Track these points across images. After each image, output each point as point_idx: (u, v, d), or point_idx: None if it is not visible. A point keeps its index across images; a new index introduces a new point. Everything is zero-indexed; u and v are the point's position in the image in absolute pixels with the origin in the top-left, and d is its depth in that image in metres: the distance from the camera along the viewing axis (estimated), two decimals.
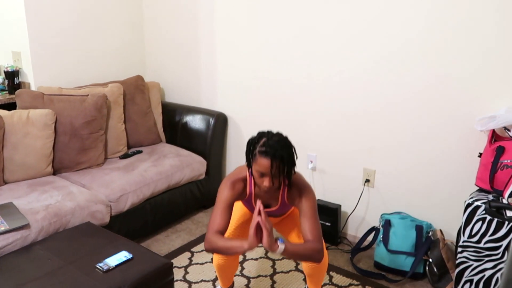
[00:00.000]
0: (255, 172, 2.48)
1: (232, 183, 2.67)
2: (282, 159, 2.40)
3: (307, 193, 2.62)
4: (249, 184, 2.70)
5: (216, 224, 2.57)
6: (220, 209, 2.61)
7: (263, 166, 2.40)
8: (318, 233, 2.55)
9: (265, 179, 2.45)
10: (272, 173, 2.41)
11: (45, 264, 2.68)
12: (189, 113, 4.57)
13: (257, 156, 2.42)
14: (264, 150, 2.40)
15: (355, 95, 3.72)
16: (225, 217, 2.60)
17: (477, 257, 2.91)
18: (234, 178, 2.69)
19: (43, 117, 3.64)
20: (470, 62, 3.17)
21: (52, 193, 3.39)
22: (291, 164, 2.47)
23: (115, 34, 4.69)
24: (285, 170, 2.45)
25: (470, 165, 3.30)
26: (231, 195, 2.64)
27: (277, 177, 2.45)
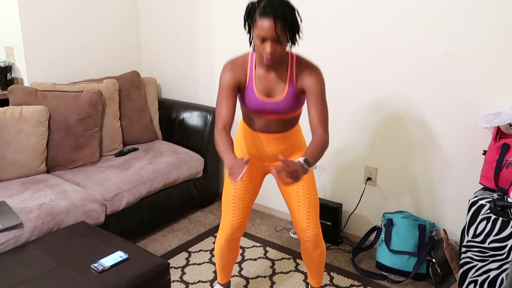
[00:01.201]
0: (256, 39, 2.37)
1: (231, 63, 2.58)
2: (285, 18, 2.28)
3: (315, 72, 2.52)
4: (250, 65, 2.58)
5: (222, 114, 2.51)
6: (223, 94, 2.53)
7: (265, 27, 2.28)
8: (325, 119, 2.51)
9: (266, 44, 2.34)
10: (276, 34, 2.29)
11: (39, 264, 2.67)
12: (186, 109, 4.56)
13: (258, 18, 2.31)
14: (265, 10, 2.28)
15: (356, 91, 3.71)
16: (228, 102, 2.52)
17: (482, 257, 2.91)
18: (233, 58, 2.60)
19: (37, 114, 3.64)
20: (474, 57, 3.16)
21: (45, 191, 3.39)
22: (295, 26, 2.36)
23: (110, 28, 4.69)
24: (288, 31, 2.33)
25: (474, 163, 3.29)
26: (231, 76, 2.54)
27: (281, 41, 2.33)
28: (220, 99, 2.54)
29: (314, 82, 2.50)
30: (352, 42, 3.65)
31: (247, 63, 2.58)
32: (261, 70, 2.55)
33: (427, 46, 3.33)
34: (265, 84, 2.56)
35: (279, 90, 2.56)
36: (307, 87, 2.52)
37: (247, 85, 2.57)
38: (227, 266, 3.11)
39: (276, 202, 4.37)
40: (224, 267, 3.10)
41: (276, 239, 4.03)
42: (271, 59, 2.39)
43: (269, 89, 2.57)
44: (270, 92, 2.57)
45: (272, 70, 2.54)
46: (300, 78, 2.53)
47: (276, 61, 2.47)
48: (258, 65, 2.56)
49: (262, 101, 2.57)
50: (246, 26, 2.44)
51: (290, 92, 2.55)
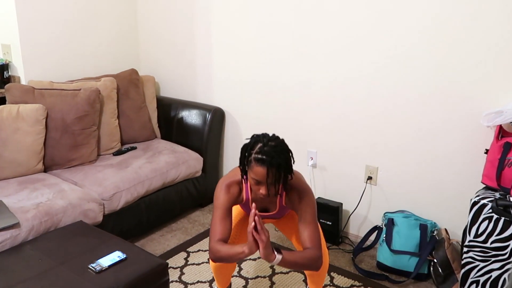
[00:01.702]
0: (251, 180, 2.46)
1: (227, 186, 2.66)
2: (278, 167, 2.38)
3: (306, 197, 2.62)
4: (245, 189, 2.69)
5: (217, 232, 2.57)
6: (219, 215, 2.60)
7: (259, 174, 2.38)
8: (318, 240, 2.55)
9: (261, 187, 2.44)
10: (268, 181, 2.39)
11: (36, 264, 2.67)
12: (185, 108, 4.56)
13: (253, 163, 2.40)
14: (260, 158, 2.37)
15: (357, 89, 3.71)
16: (225, 223, 2.59)
17: (484, 257, 2.91)
18: (229, 181, 2.68)
19: (34, 112, 3.63)
20: (476, 54, 3.16)
21: (43, 191, 3.38)
22: (288, 171, 2.45)
23: (108, 26, 4.68)
24: (282, 178, 2.43)
25: (476, 162, 3.29)
26: (227, 199, 2.63)
27: (274, 185, 2.43)
28: (217, 219, 2.62)
29: (305, 208, 2.61)
30: (353, 40, 3.64)
31: (242, 189, 2.71)
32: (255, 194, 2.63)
33: (428, 44, 3.32)
34: (260, 204, 2.74)
35: (273, 207, 2.76)
36: (296, 210, 2.65)
37: (244, 203, 2.75)
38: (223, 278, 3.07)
39: None
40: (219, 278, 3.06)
41: (276, 239, 4.03)
42: (266, 198, 2.55)
43: (264, 206, 2.77)
44: (265, 208, 2.78)
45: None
46: (290, 202, 2.69)
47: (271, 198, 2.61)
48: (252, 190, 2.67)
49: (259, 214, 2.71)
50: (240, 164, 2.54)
51: (282, 208, 2.75)
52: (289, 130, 4.10)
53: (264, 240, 2.33)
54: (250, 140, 2.48)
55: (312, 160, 4.08)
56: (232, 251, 2.47)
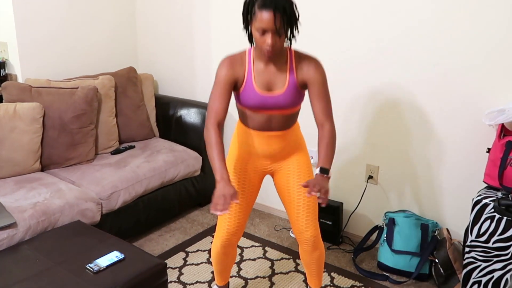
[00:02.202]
0: (256, 32, 2.39)
1: (229, 58, 2.59)
2: (284, 11, 2.32)
3: (316, 63, 2.56)
4: (248, 60, 2.59)
5: (215, 109, 2.53)
6: (218, 90, 2.55)
7: (265, 20, 2.31)
8: (330, 111, 2.58)
9: (267, 36, 2.36)
10: (276, 26, 2.32)
11: (33, 264, 2.67)
12: (183, 106, 4.56)
13: (257, 11, 2.33)
14: (265, 3, 2.31)
15: (357, 86, 3.71)
16: (223, 97, 2.54)
17: (486, 257, 2.91)
18: (231, 55, 2.62)
19: (31, 111, 3.63)
20: (478, 52, 3.16)
21: (40, 190, 3.38)
22: (294, 18, 2.40)
23: (106, 23, 4.67)
24: (288, 25, 2.37)
25: (478, 161, 3.29)
26: (228, 72, 2.55)
27: (280, 33, 2.36)
28: (215, 95, 2.55)
29: (316, 73, 2.54)
30: (354, 39, 3.64)
31: (245, 59, 2.59)
32: (260, 64, 2.56)
33: (429, 42, 3.32)
34: (265, 78, 2.56)
35: (280, 83, 2.56)
36: (308, 79, 2.55)
37: (246, 81, 2.57)
38: (224, 270, 3.10)
39: (275, 201, 4.36)
40: (221, 271, 3.09)
41: (276, 239, 4.03)
42: (272, 51, 2.41)
43: (269, 82, 2.57)
44: (270, 86, 2.57)
45: (271, 63, 2.55)
46: (300, 70, 2.56)
47: (276, 54, 2.47)
48: (256, 59, 2.57)
49: (263, 96, 2.56)
50: (244, 22, 2.46)
51: (291, 84, 2.56)
52: None
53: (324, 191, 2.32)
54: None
55: (312, 159, 4.06)
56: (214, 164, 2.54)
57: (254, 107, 2.61)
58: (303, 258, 2.95)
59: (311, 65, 2.55)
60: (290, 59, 2.57)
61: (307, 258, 2.91)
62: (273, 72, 2.56)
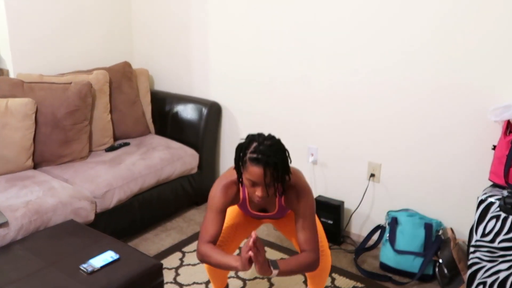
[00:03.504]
0: (246, 181, 2.44)
1: (225, 187, 2.64)
2: (275, 167, 2.36)
3: (305, 197, 2.61)
4: (243, 189, 2.68)
5: (209, 233, 2.57)
6: (212, 216, 2.60)
7: (255, 174, 2.36)
8: (315, 242, 2.57)
9: (257, 188, 2.42)
10: (265, 182, 2.37)
11: (25, 265, 2.66)
12: (180, 102, 4.55)
13: (248, 163, 2.38)
14: (256, 157, 2.35)
15: (359, 83, 3.70)
16: (217, 224, 2.59)
17: (491, 257, 2.91)
18: (227, 181, 2.66)
19: (23, 107, 3.62)
20: (483, 46, 3.15)
21: (32, 188, 3.38)
22: (285, 171, 2.44)
23: (100, 16, 4.66)
24: (279, 178, 2.41)
25: (483, 158, 3.29)
26: (223, 201, 2.62)
27: (271, 186, 2.42)
28: (209, 219, 2.62)
29: (301, 206, 2.61)
30: (356, 33, 3.63)
31: (239, 188, 2.68)
32: None
33: (433, 38, 3.31)
34: (258, 205, 2.75)
35: (272, 207, 2.75)
36: (294, 210, 2.64)
37: (241, 202, 2.74)
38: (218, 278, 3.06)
39: None
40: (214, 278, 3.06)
41: (275, 239, 4.03)
42: (262, 201, 2.53)
43: (262, 206, 2.77)
44: (262, 208, 2.78)
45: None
46: (288, 201, 2.66)
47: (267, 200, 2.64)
48: None
49: (257, 214, 2.78)
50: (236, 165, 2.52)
51: (281, 209, 2.74)
52: (289, 125, 4.10)
53: (261, 261, 2.35)
54: (245, 140, 2.47)
55: (312, 157, 4.07)
56: (223, 261, 2.47)
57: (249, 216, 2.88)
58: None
59: (297, 198, 2.62)
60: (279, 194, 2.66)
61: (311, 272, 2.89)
62: (266, 202, 2.71)
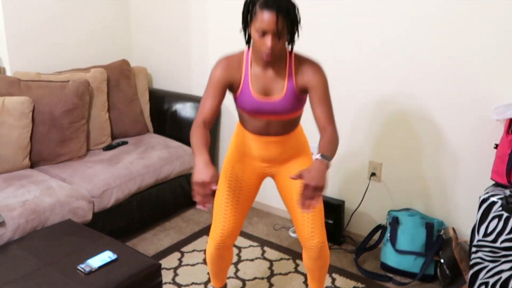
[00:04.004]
0: (255, 32, 2.36)
1: (225, 59, 2.58)
2: (288, 13, 2.30)
3: (317, 68, 2.53)
4: (246, 63, 2.57)
5: (204, 110, 2.51)
6: (210, 91, 2.53)
7: (266, 20, 2.27)
8: (332, 115, 2.51)
9: (267, 38, 2.33)
10: (277, 28, 2.28)
11: (22, 265, 2.66)
12: (179, 100, 4.56)
13: (258, 11, 2.31)
14: (267, 3, 2.28)
15: (359, 80, 3.70)
16: (214, 97, 2.52)
17: (493, 257, 2.91)
18: (228, 55, 2.60)
19: (20, 105, 3.62)
20: (484, 45, 3.15)
21: (29, 188, 3.37)
22: (296, 21, 2.37)
23: (98, 13, 4.65)
24: (290, 27, 2.34)
25: (485, 157, 3.29)
26: (223, 74, 2.54)
27: (281, 36, 2.34)
28: (206, 94, 2.54)
29: (317, 78, 2.50)
30: (355, 27, 3.63)
31: (242, 61, 2.57)
32: (257, 68, 2.54)
33: (435, 35, 3.31)
34: (262, 83, 2.54)
35: (278, 89, 2.54)
36: (309, 84, 2.51)
37: (242, 84, 2.56)
38: (220, 273, 3.09)
39: (275, 199, 4.36)
40: (216, 273, 3.08)
41: (275, 239, 4.03)
42: (271, 54, 2.38)
43: (267, 87, 2.55)
44: (267, 91, 2.55)
45: (269, 67, 2.53)
46: (300, 74, 2.53)
47: (275, 57, 2.46)
48: (254, 63, 2.55)
49: (259, 101, 2.55)
50: (243, 22, 2.44)
51: (290, 90, 2.53)
52: None
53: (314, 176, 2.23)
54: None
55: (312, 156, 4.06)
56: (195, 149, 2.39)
57: (251, 112, 2.61)
58: (306, 263, 2.93)
59: (311, 70, 2.52)
60: (289, 63, 2.54)
61: (311, 264, 2.89)
62: (271, 77, 2.54)
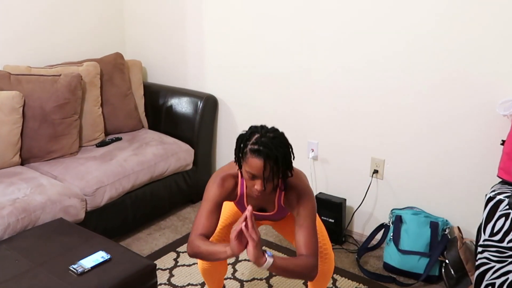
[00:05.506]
0: (246, 174, 2.41)
1: (222, 179, 2.62)
2: (276, 161, 2.33)
3: (306, 199, 2.57)
4: (241, 184, 2.65)
5: (201, 226, 2.53)
6: (207, 209, 2.56)
7: (255, 167, 2.33)
8: (314, 246, 2.50)
9: (256, 182, 2.39)
10: (264, 176, 2.34)
11: (12, 265, 2.66)
12: (174, 95, 4.55)
13: (248, 155, 2.35)
14: (257, 149, 2.32)
15: (362, 75, 3.69)
16: (211, 218, 2.55)
17: (500, 257, 2.91)
18: (224, 174, 2.64)
19: (10, 100, 3.61)
20: (491, 37, 3.15)
21: (19, 185, 3.37)
22: (286, 166, 2.40)
23: (91, 5, 4.65)
24: (280, 173, 2.38)
25: (491, 154, 3.28)
26: (219, 193, 2.59)
27: (271, 181, 2.38)
28: (202, 213, 2.57)
29: (303, 211, 2.55)
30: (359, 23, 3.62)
31: (237, 183, 2.65)
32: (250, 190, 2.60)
33: (440, 28, 3.30)
34: (256, 203, 2.67)
35: (270, 206, 2.70)
36: (295, 212, 2.58)
37: (238, 199, 2.70)
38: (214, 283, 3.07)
39: None
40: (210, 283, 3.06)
41: (274, 238, 4.03)
42: (261, 196, 2.47)
43: (260, 205, 2.70)
44: (261, 207, 2.71)
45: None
46: (289, 203, 2.62)
47: (266, 195, 2.56)
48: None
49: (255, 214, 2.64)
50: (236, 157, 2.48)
51: (280, 208, 2.68)
52: (288, 120, 4.09)
53: (255, 239, 2.25)
54: (246, 131, 2.44)
55: (313, 152, 4.07)
56: (212, 249, 2.41)
57: None
58: None
59: (300, 201, 2.56)
60: (279, 192, 2.63)
61: None
62: (264, 200, 2.66)
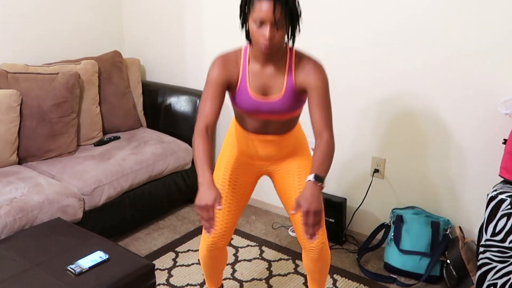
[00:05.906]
0: (253, 24, 2.33)
1: (222, 58, 2.55)
2: (286, 2, 2.28)
3: (318, 68, 2.50)
4: (243, 60, 2.55)
5: (206, 114, 2.47)
6: (210, 93, 2.49)
7: (264, 9, 2.25)
8: (330, 120, 2.48)
9: (264, 28, 2.30)
10: (275, 17, 2.26)
11: (9, 265, 2.66)
12: (173, 93, 4.55)
13: (256, 1, 2.29)
14: None
15: (362, 71, 3.69)
16: (215, 101, 2.49)
17: (502, 258, 2.91)
18: (225, 53, 2.57)
19: (7, 99, 3.61)
20: (493, 35, 3.15)
21: (17, 185, 3.37)
22: (296, 12, 2.36)
23: (88, 3, 4.64)
24: (288, 17, 2.32)
25: (493, 153, 3.28)
26: (222, 72, 2.51)
27: (280, 27, 2.31)
28: (206, 96, 2.51)
29: (317, 79, 2.48)
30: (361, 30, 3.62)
31: (240, 58, 2.55)
32: (256, 65, 2.52)
33: (441, 26, 3.30)
34: (261, 81, 2.53)
35: (277, 88, 2.53)
36: (308, 85, 2.49)
37: (240, 83, 2.54)
38: (214, 275, 3.08)
39: (273, 197, 4.34)
40: (210, 276, 3.07)
41: (273, 238, 4.03)
42: (270, 46, 2.35)
43: (265, 86, 2.54)
44: (266, 90, 2.54)
45: (268, 64, 2.51)
46: (300, 75, 2.51)
47: (274, 50, 2.43)
48: (253, 60, 2.53)
49: (257, 101, 2.54)
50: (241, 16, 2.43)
51: (289, 88, 2.52)
52: None
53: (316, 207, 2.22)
54: None
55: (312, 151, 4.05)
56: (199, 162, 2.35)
57: (248, 111, 2.60)
58: (306, 265, 2.92)
59: (312, 69, 2.49)
60: (289, 60, 2.52)
61: (311, 265, 2.89)
62: (270, 75, 2.52)
